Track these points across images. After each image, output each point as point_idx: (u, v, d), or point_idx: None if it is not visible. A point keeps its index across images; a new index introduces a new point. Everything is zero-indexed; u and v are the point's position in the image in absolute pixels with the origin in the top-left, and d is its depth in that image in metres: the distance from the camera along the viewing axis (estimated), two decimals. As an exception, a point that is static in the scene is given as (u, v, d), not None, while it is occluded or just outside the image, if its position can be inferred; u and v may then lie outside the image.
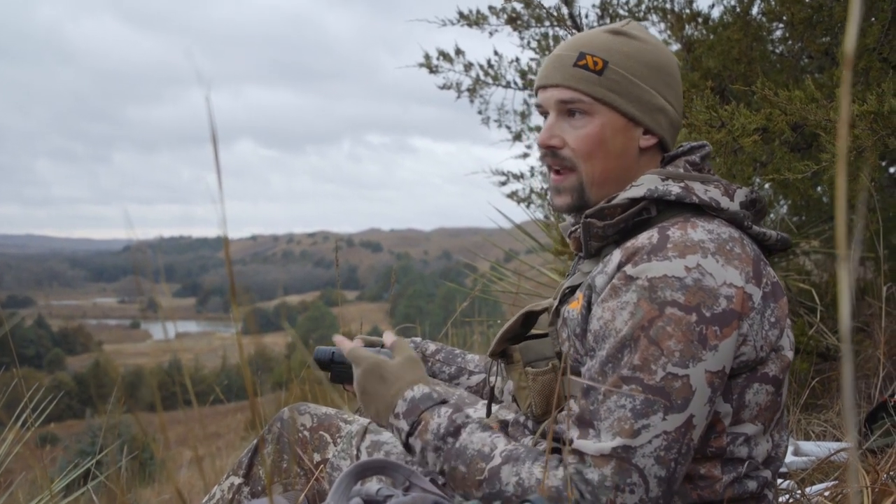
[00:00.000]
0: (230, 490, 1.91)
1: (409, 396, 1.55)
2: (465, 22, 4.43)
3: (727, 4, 4.10)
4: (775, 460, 1.53)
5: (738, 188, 1.56)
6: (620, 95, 1.56)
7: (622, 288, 1.41)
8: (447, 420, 1.50)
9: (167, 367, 9.60)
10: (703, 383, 1.35)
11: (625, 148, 1.59)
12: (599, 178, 1.58)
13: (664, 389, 1.33)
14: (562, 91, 1.57)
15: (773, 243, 1.59)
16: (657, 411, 1.33)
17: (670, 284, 1.37)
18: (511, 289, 4.81)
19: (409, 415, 1.53)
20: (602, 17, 4.28)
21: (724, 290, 1.38)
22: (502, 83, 4.82)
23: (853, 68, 2.77)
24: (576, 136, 1.57)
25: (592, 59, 1.56)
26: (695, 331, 1.35)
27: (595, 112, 1.56)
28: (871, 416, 2.51)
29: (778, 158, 2.84)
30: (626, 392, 1.34)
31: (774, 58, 4.03)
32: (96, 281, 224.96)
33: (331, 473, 1.86)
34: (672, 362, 1.34)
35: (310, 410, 1.96)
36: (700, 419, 1.36)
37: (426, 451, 1.50)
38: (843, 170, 0.54)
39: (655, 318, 1.36)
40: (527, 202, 5.09)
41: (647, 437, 1.32)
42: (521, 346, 1.66)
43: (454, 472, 1.46)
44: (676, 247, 1.40)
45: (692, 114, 2.69)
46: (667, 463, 1.33)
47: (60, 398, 3.78)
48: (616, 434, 1.33)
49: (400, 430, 1.54)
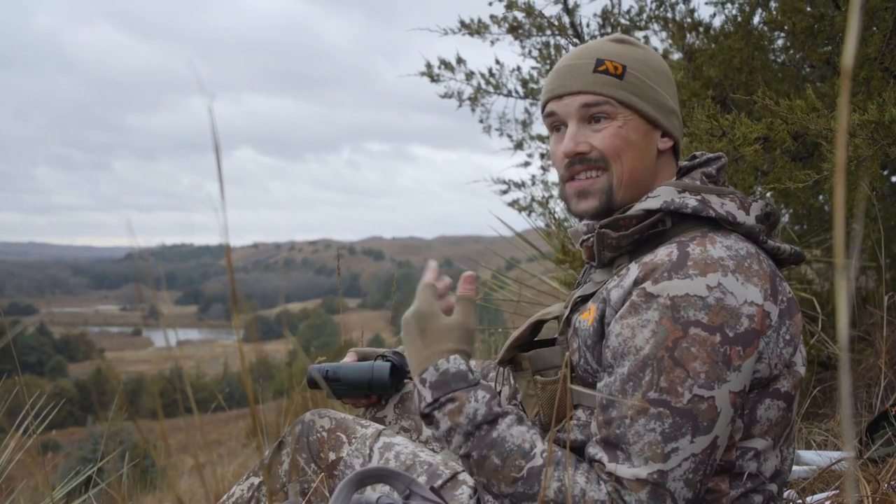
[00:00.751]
0: (250, 489, 1.94)
1: (442, 367, 1.50)
2: (466, 31, 4.44)
3: (728, 14, 4.11)
4: (781, 474, 1.53)
5: (753, 202, 1.56)
6: (641, 98, 1.58)
7: (642, 305, 1.40)
8: (485, 406, 1.47)
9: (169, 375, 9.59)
10: (727, 404, 1.36)
11: (647, 150, 1.60)
12: (628, 177, 1.58)
13: (692, 412, 1.34)
14: (585, 97, 1.57)
15: (787, 257, 1.60)
16: (685, 434, 1.33)
17: (693, 304, 1.36)
18: (512, 297, 4.81)
19: (438, 388, 1.49)
20: (603, 26, 4.30)
21: (745, 308, 1.38)
22: (504, 92, 4.83)
23: (854, 78, 2.77)
24: (602, 138, 1.57)
25: (612, 64, 1.58)
26: (719, 352, 1.35)
27: (618, 115, 1.57)
28: (873, 426, 2.51)
29: (779, 168, 2.85)
30: (654, 415, 1.34)
31: (776, 67, 4.03)
32: (98, 288, 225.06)
33: (343, 471, 1.88)
34: (698, 384, 1.34)
35: (330, 414, 1.99)
36: (723, 439, 1.37)
37: (454, 431, 1.46)
38: (843, 181, 0.54)
39: (680, 338, 1.36)
40: (528, 210, 5.09)
41: (677, 461, 1.33)
42: (531, 354, 1.65)
43: (484, 461, 1.44)
44: (697, 265, 1.40)
45: (693, 123, 2.70)
46: (694, 485, 1.34)
47: (62, 405, 3.78)
48: (648, 459, 1.33)
49: (423, 397, 1.50)
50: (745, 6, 4.04)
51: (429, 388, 1.49)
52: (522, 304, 4.61)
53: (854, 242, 0.72)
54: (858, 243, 3.42)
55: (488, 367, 2.14)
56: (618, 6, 4.35)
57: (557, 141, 1.63)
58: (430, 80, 4.80)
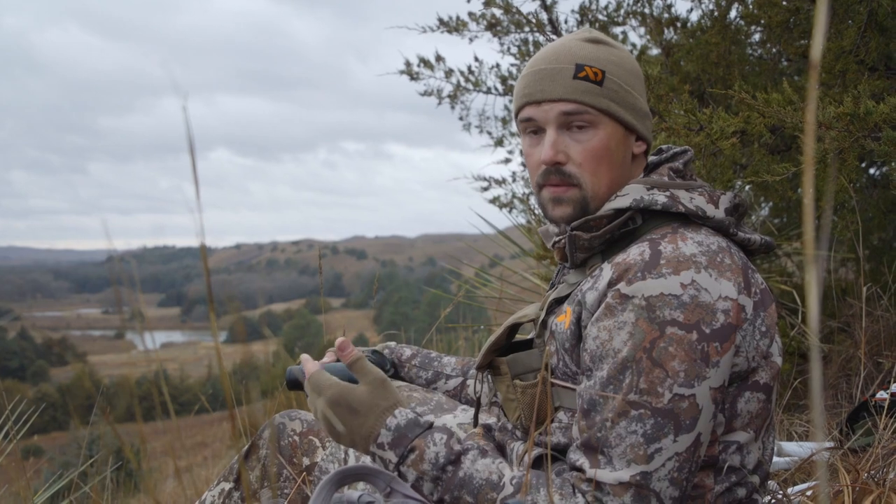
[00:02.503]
0: (221, 495, 1.91)
1: (392, 425, 1.50)
2: (445, 28, 4.44)
3: (705, 8, 4.13)
4: (763, 465, 1.54)
5: (722, 194, 1.56)
6: (620, 105, 1.57)
7: (617, 307, 1.40)
8: (445, 448, 1.47)
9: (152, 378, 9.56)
10: (708, 401, 1.36)
11: (623, 156, 1.60)
12: (605, 191, 1.58)
13: (673, 411, 1.34)
14: (565, 105, 1.55)
15: (758, 247, 1.60)
16: (668, 434, 1.33)
17: (668, 303, 1.37)
18: (495, 294, 4.82)
19: (397, 445, 1.48)
20: (581, 23, 4.30)
21: (720, 304, 1.38)
22: (483, 89, 4.83)
23: (829, 71, 2.79)
24: (582, 150, 1.56)
25: (592, 70, 1.55)
26: (697, 349, 1.35)
27: (599, 123, 1.56)
28: (853, 416, 2.52)
29: (757, 161, 2.86)
30: (635, 417, 1.34)
31: (753, 61, 4.06)
32: (80, 292, 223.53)
33: (318, 477, 1.86)
34: (678, 383, 1.34)
35: (300, 416, 1.96)
36: (706, 435, 1.38)
37: (422, 480, 1.46)
38: (811, 177, 0.54)
39: (657, 338, 1.36)
40: (509, 207, 5.10)
41: (660, 461, 1.32)
42: (509, 358, 1.65)
43: (458, 502, 1.44)
44: (669, 263, 1.40)
45: (671, 117, 2.71)
46: (680, 483, 1.34)
47: (44, 410, 3.76)
48: (630, 461, 1.33)
49: (387, 460, 1.49)
50: (721, 1, 4.06)
51: (389, 449, 1.49)
52: (504, 300, 4.62)
53: (824, 234, 0.72)
54: (836, 235, 3.44)
55: (469, 365, 2.13)
56: (595, 2, 4.36)
57: (533, 144, 1.62)
58: (409, 78, 4.80)
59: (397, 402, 1.55)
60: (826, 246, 1.02)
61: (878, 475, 1.86)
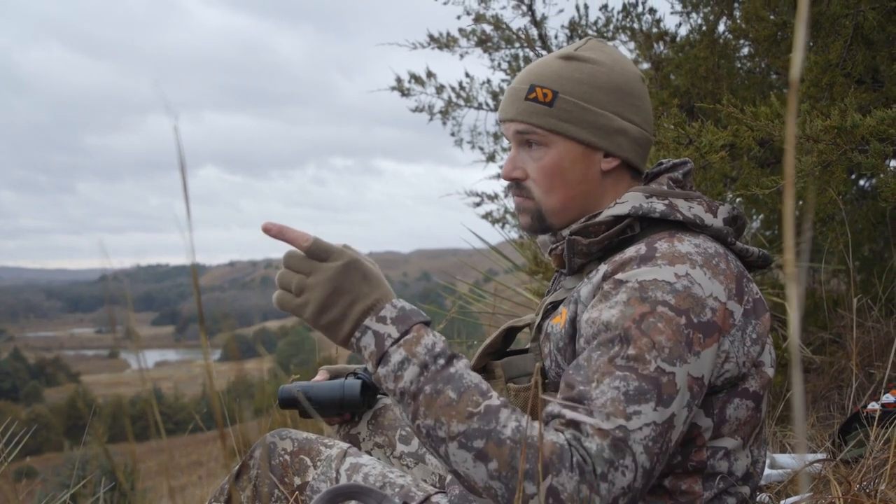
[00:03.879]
0: None
1: (398, 304, 1.40)
2: (435, 45, 4.46)
3: (694, 23, 4.16)
4: (753, 476, 1.54)
5: (720, 205, 1.58)
6: (574, 124, 1.57)
7: (611, 292, 1.41)
8: (443, 343, 1.38)
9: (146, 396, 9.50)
10: (685, 385, 1.33)
11: (584, 174, 1.60)
12: (560, 207, 1.60)
13: (657, 381, 1.31)
14: (516, 125, 1.60)
15: (755, 260, 1.61)
16: (649, 401, 1.29)
17: (661, 287, 1.37)
18: (488, 309, 4.82)
19: (400, 322, 1.38)
20: (571, 38, 4.33)
21: (710, 301, 1.39)
22: (474, 105, 4.85)
23: (816, 84, 2.81)
24: (535, 167, 1.60)
25: (542, 91, 1.58)
26: (683, 333, 1.35)
27: (550, 143, 1.58)
28: (845, 427, 2.53)
29: (746, 174, 2.88)
30: (619, 377, 1.30)
31: (741, 75, 4.08)
32: (73, 311, 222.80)
33: (310, 496, 1.85)
34: (662, 357, 1.32)
35: (291, 435, 1.95)
36: (679, 421, 1.33)
37: (408, 362, 1.34)
38: (791, 192, 0.55)
39: (647, 313, 1.35)
40: (501, 223, 5.11)
41: (638, 424, 1.27)
42: (503, 361, 1.65)
43: (437, 396, 1.32)
44: (665, 256, 1.41)
45: (661, 131, 2.72)
46: (652, 455, 1.28)
47: (38, 431, 3.74)
48: (610, 415, 1.27)
49: (384, 335, 1.37)
50: (709, 15, 4.09)
51: (392, 324, 1.38)
52: (498, 315, 4.62)
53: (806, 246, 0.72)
54: (809, 246, 3.44)
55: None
56: (585, 17, 4.39)
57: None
58: (400, 94, 4.82)
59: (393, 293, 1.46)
60: (809, 258, 1.03)
61: (869, 487, 1.86)
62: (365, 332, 1.38)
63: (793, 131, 0.53)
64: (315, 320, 1.41)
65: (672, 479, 1.46)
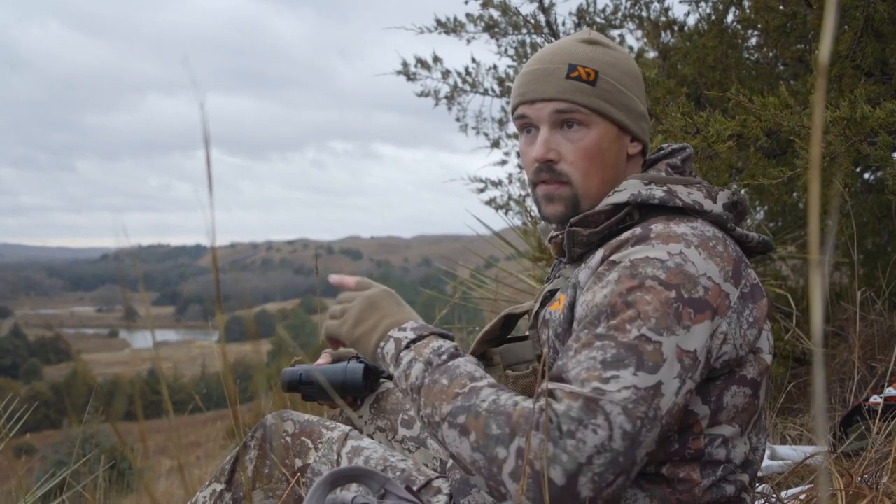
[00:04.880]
0: (212, 496, 1.90)
1: (422, 323, 1.55)
2: (442, 29, 4.44)
3: (702, 12, 4.14)
4: (752, 464, 1.53)
5: (720, 190, 1.57)
6: (613, 105, 1.58)
7: (605, 273, 1.41)
8: (451, 346, 1.48)
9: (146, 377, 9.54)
10: (674, 356, 1.31)
11: (617, 157, 1.61)
12: (595, 191, 1.59)
13: (637, 348, 1.29)
14: (557, 104, 1.57)
15: (755, 245, 1.60)
16: (628, 366, 1.27)
17: (651, 264, 1.37)
18: (490, 295, 4.82)
19: (419, 331, 1.52)
20: (579, 25, 4.31)
21: (702, 280, 1.38)
22: (480, 90, 4.83)
23: (826, 75, 2.80)
24: (574, 149, 1.57)
25: (585, 71, 1.57)
26: (672, 306, 1.33)
27: (591, 123, 1.57)
28: (846, 420, 2.53)
29: (753, 164, 2.87)
30: (597, 346, 1.30)
31: (749, 65, 4.06)
32: (74, 290, 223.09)
33: (311, 479, 1.85)
34: (647, 326, 1.31)
35: (292, 417, 1.96)
36: (669, 392, 1.29)
37: (414, 362, 1.45)
38: (817, 177, 0.55)
39: (635, 287, 1.35)
40: (505, 209, 5.11)
41: (616, 386, 1.25)
42: (502, 348, 1.65)
43: (433, 386, 1.40)
44: (660, 236, 1.41)
45: (668, 120, 2.71)
46: (633, 419, 1.24)
47: (37, 408, 3.74)
48: (584, 381, 1.27)
49: (401, 339, 1.51)
50: (718, 5, 4.07)
51: (410, 331, 1.52)
52: (500, 302, 4.62)
53: (828, 238, 0.72)
54: (832, 239, 3.45)
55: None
56: (593, 5, 4.37)
57: (529, 143, 1.64)
58: (406, 78, 4.80)
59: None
60: (830, 251, 1.02)
61: (871, 479, 1.86)
62: (388, 341, 1.53)
63: (821, 115, 0.52)
64: (350, 332, 1.60)
65: (670, 467, 1.46)
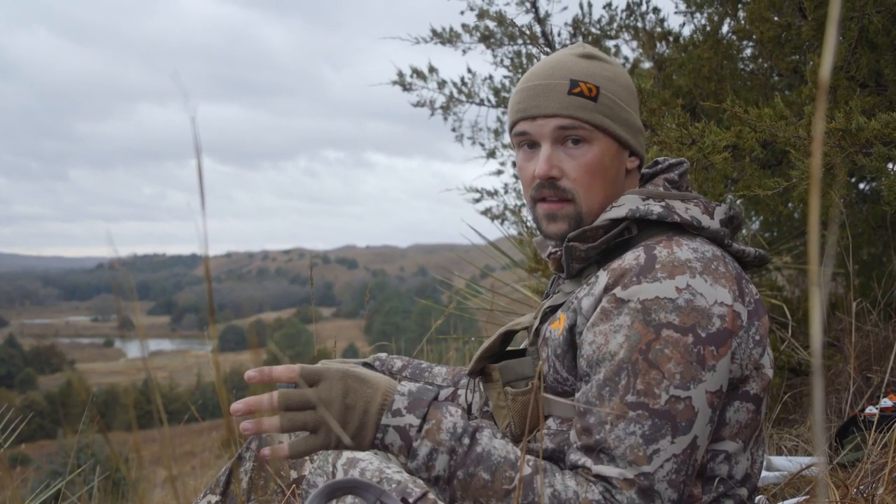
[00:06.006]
0: None
1: (405, 390, 1.41)
2: (438, 40, 4.45)
3: (697, 23, 4.15)
4: (751, 478, 1.54)
5: (717, 205, 1.58)
6: (614, 120, 1.58)
7: (613, 311, 1.41)
8: (462, 420, 1.39)
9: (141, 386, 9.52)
10: (705, 404, 1.36)
11: (618, 173, 1.61)
12: (598, 207, 1.59)
13: (670, 413, 1.33)
14: (560, 120, 1.56)
15: (752, 260, 1.61)
16: (666, 435, 1.33)
17: (664, 306, 1.37)
18: (486, 305, 4.82)
19: (415, 408, 1.38)
20: (574, 36, 4.32)
21: (716, 309, 1.39)
22: (476, 101, 4.84)
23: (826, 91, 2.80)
24: (576, 166, 1.57)
25: (587, 86, 1.57)
26: (692, 352, 1.35)
27: (594, 139, 1.57)
28: (842, 431, 2.53)
29: (748, 175, 2.87)
30: (632, 418, 1.34)
31: (745, 76, 4.07)
32: (69, 299, 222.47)
33: (307, 490, 1.84)
34: (674, 385, 1.34)
35: None
36: (702, 440, 1.37)
37: (437, 452, 1.35)
38: (817, 190, 0.55)
39: (652, 340, 1.36)
40: (500, 219, 5.10)
41: (659, 462, 1.32)
42: (501, 365, 1.65)
43: (472, 479, 1.35)
44: (665, 267, 1.41)
45: (663, 131, 2.71)
46: (677, 485, 1.34)
47: (32, 418, 3.73)
48: (632, 462, 1.32)
49: (405, 427, 1.37)
50: (713, 16, 4.08)
51: (408, 413, 1.38)
52: (496, 312, 4.62)
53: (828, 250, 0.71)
54: (832, 250, 3.46)
55: (459, 374, 2.13)
56: (589, 15, 4.37)
57: (527, 158, 1.62)
58: (402, 88, 4.80)
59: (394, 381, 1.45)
60: (830, 263, 1.02)
61: (866, 491, 1.86)
62: (386, 432, 1.38)
63: (821, 128, 0.53)
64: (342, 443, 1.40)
65: None
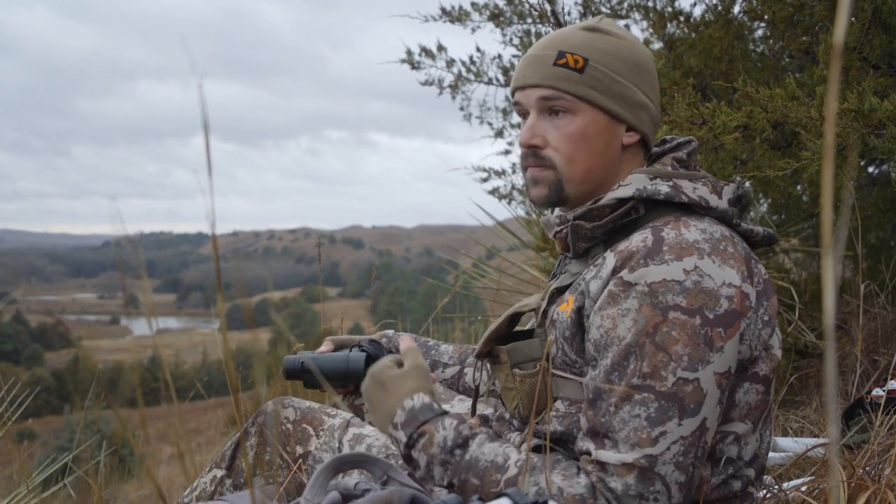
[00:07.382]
0: (213, 482, 1.90)
1: (407, 406, 1.51)
2: (447, 18, 4.43)
3: (709, 3, 4.12)
4: (759, 458, 1.54)
5: (725, 185, 1.56)
6: (602, 93, 1.56)
7: (621, 295, 1.41)
8: (454, 432, 1.47)
9: (147, 364, 9.57)
10: (713, 385, 1.36)
11: (607, 146, 1.58)
12: (580, 178, 1.58)
13: (677, 395, 1.33)
14: (542, 90, 1.56)
15: (760, 239, 1.60)
16: (672, 417, 1.33)
17: (671, 288, 1.37)
18: (492, 285, 4.82)
19: (408, 426, 1.49)
20: (584, 14, 4.29)
21: (723, 290, 1.38)
22: (484, 80, 4.82)
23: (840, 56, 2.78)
24: (559, 136, 1.56)
25: (573, 58, 1.55)
26: (700, 333, 1.35)
27: (578, 110, 1.56)
28: (848, 413, 2.53)
29: (759, 156, 2.86)
30: (638, 400, 1.34)
31: (755, 57, 4.04)
32: (75, 276, 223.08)
33: (312, 466, 1.85)
34: (681, 367, 1.34)
35: (294, 404, 1.96)
36: (712, 421, 1.37)
37: (432, 465, 1.46)
38: (831, 163, 0.54)
39: (660, 323, 1.36)
40: (508, 199, 5.09)
41: (665, 444, 1.32)
42: (509, 347, 1.64)
43: (465, 485, 1.43)
44: (672, 249, 1.40)
45: (674, 111, 2.70)
46: (686, 468, 1.33)
47: (38, 393, 3.75)
48: (635, 444, 1.32)
49: (398, 441, 1.51)
50: (725, -5, 4.04)
51: (401, 429, 1.50)
52: (502, 292, 4.61)
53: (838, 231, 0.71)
54: (844, 232, 3.44)
55: (466, 353, 2.13)
56: (599, -6, 4.34)
57: (523, 127, 1.64)
58: (410, 67, 4.78)
59: (420, 388, 1.55)
60: (841, 245, 1.01)
61: (873, 472, 1.86)
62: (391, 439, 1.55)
63: (835, 97, 0.52)
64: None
65: None
